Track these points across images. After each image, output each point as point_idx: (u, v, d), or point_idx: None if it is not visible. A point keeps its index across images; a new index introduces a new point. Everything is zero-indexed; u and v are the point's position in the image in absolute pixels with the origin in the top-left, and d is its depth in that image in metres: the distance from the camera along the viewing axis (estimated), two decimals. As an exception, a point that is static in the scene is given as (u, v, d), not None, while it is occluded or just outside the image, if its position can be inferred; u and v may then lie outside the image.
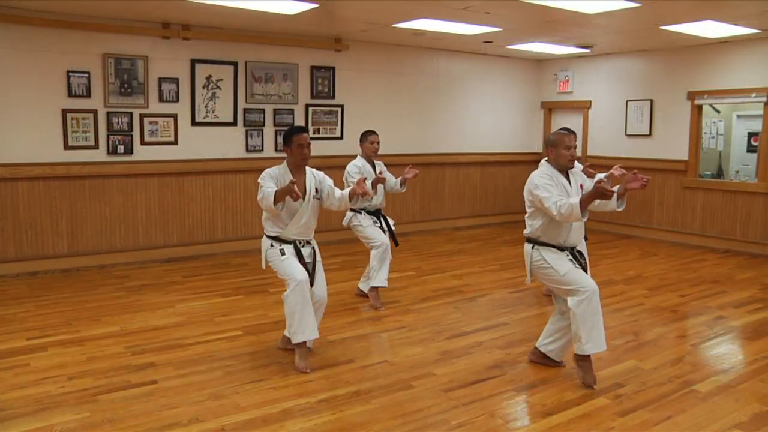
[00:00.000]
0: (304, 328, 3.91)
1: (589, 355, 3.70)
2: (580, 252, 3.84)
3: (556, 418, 3.33)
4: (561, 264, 3.70)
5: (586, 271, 3.80)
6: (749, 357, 4.29)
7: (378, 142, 5.40)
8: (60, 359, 4.06)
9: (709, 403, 3.51)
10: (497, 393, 3.63)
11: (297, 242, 4.06)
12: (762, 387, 3.74)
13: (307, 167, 4.14)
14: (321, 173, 4.23)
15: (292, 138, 4.02)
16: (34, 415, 3.29)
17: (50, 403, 3.42)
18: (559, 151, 3.71)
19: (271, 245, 4.06)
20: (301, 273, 3.92)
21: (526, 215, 3.84)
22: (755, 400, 3.56)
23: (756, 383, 3.79)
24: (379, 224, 5.39)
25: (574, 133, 3.90)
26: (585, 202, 3.45)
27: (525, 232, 3.87)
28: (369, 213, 5.38)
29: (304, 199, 4.02)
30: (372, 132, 5.44)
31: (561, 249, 3.75)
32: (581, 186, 3.82)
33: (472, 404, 3.47)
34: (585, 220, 3.61)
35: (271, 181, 3.96)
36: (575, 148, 3.77)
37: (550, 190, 3.60)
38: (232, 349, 4.30)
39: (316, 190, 4.12)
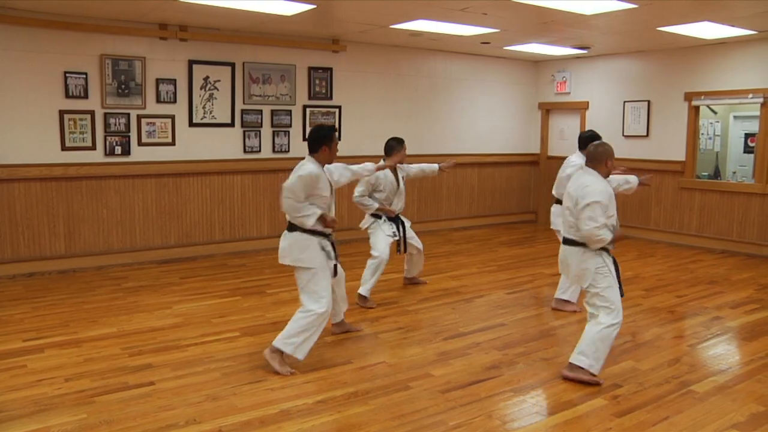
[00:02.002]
0: (303, 349, 3.87)
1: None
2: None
3: (553, 418, 3.34)
4: (613, 272, 3.76)
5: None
6: (746, 357, 4.29)
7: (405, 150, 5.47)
8: (57, 361, 4.05)
9: (706, 404, 3.52)
10: (495, 394, 3.63)
11: (328, 235, 4.02)
12: (759, 387, 3.75)
13: None
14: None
15: (333, 137, 3.96)
16: (30, 416, 3.28)
17: (47, 405, 3.41)
18: (612, 162, 3.80)
19: (322, 247, 3.94)
20: (330, 301, 3.92)
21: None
22: (752, 400, 3.57)
23: (753, 383, 3.80)
24: (393, 233, 5.41)
25: None
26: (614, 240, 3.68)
27: (574, 236, 3.75)
28: (390, 219, 5.44)
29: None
30: (403, 141, 5.43)
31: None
32: None
33: (469, 405, 3.47)
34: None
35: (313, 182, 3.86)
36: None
37: (602, 216, 3.62)
38: (229, 350, 4.29)
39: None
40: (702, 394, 3.64)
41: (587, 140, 4.87)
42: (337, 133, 4.06)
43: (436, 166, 5.77)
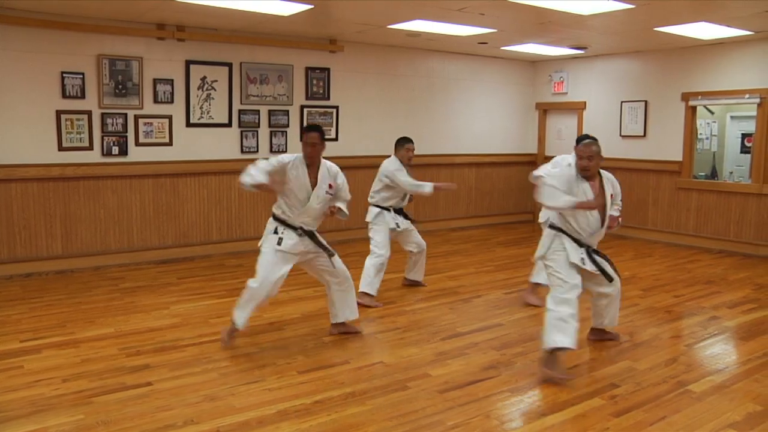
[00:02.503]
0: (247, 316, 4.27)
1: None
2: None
3: (551, 418, 3.34)
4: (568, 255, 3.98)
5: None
6: (743, 357, 4.30)
7: (413, 150, 5.65)
8: (54, 361, 4.04)
9: (703, 403, 3.52)
10: (493, 394, 3.64)
11: (302, 228, 4.25)
12: (756, 386, 3.76)
13: (325, 161, 4.32)
14: (335, 168, 4.36)
15: (303, 135, 4.27)
16: (28, 417, 3.27)
17: (44, 406, 3.40)
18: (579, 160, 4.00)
19: (275, 230, 4.25)
20: (271, 279, 4.16)
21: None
22: (749, 399, 3.58)
23: (750, 383, 3.81)
24: (397, 224, 5.56)
25: (587, 142, 4.04)
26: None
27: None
28: (396, 211, 5.60)
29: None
30: (409, 140, 5.65)
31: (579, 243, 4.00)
32: (611, 196, 4.06)
33: (467, 405, 3.48)
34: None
35: (269, 167, 4.13)
36: (587, 158, 3.91)
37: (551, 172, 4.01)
38: (226, 350, 4.29)
39: (330, 186, 4.30)
40: (699, 394, 3.64)
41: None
42: (312, 133, 4.22)
43: None
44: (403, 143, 5.62)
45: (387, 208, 5.57)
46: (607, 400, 3.56)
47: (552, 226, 4.07)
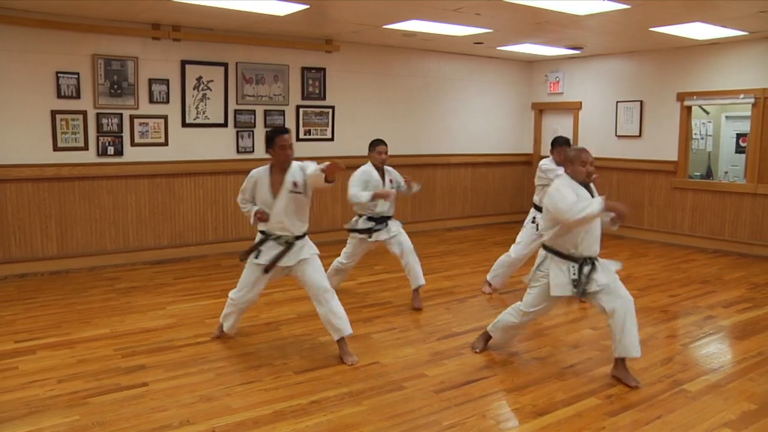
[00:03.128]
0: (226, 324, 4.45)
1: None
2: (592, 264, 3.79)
3: (547, 418, 3.35)
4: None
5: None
6: (738, 356, 4.32)
7: (385, 153, 5.25)
8: (49, 362, 4.03)
9: (698, 402, 3.53)
10: (488, 393, 3.64)
11: (281, 237, 4.13)
12: (751, 385, 3.77)
13: (294, 161, 4.17)
14: (305, 163, 4.14)
15: (274, 139, 4.11)
16: (22, 418, 3.26)
17: (39, 407, 3.39)
18: (576, 167, 3.77)
19: (258, 241, 4.20)
20: (244, 291, 4.22)
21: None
22: (744, 398, 3.59)
23: (745, 382, 3.82)
24: (371, 237, 5.28)
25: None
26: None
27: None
28: (372, 219, 5.28)
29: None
30: (379, 142, 5.29)
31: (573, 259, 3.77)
32: None
33: (463, 405, 3.48)
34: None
35: (248, 183, 4.28)
36: (591, 163, 3.77)
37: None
38: (223, 350, 4.28)
39: (295, 184, 4.09)
40: (694, 393, 3.65)
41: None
42: (285, 135, 4.11)
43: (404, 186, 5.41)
44: (374, 146, 5.25)
45: (361, 215, 5.34)
46: (603, 399, 3.57)
47: (544, 246, 3.89)
